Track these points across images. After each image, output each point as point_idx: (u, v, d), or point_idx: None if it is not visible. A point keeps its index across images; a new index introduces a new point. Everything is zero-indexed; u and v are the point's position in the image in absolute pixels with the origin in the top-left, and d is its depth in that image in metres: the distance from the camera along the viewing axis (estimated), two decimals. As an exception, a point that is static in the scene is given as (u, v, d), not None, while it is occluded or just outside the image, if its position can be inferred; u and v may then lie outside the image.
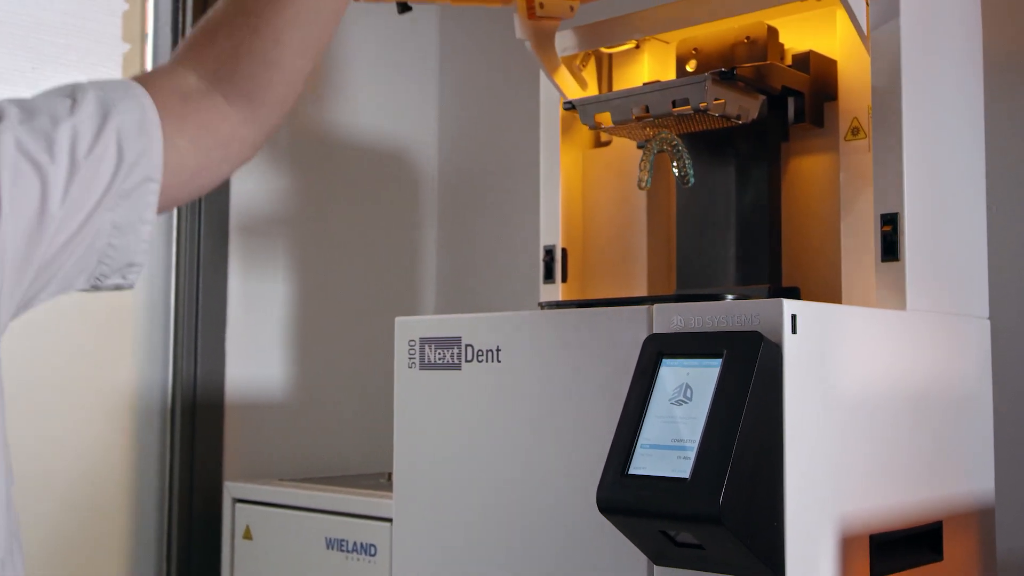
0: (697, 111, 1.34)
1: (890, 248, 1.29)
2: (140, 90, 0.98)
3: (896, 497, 1.23)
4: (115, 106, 0.97)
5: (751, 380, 1.06)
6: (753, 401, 1.06)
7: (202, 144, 1.02)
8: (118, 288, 1.03)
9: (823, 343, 1.13)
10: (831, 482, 1.14)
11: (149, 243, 0.98)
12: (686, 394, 1.10)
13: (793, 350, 1.09)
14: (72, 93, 0.96)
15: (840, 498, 1.15)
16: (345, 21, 1.76)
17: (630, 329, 1.20)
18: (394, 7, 1.51)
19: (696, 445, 1.06)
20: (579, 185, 1.69)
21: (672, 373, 1.13)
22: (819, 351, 1.12)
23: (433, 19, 2.61)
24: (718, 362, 1.09)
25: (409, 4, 1.49)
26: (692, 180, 1.43)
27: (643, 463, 1.10)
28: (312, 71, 1.08)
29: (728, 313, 1.13)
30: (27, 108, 0.94)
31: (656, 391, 1.13)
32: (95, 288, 1.01)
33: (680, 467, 1.07)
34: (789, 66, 1.46)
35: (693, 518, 1.05)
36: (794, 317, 1.09)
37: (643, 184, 1.45)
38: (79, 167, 0.94)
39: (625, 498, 1.09)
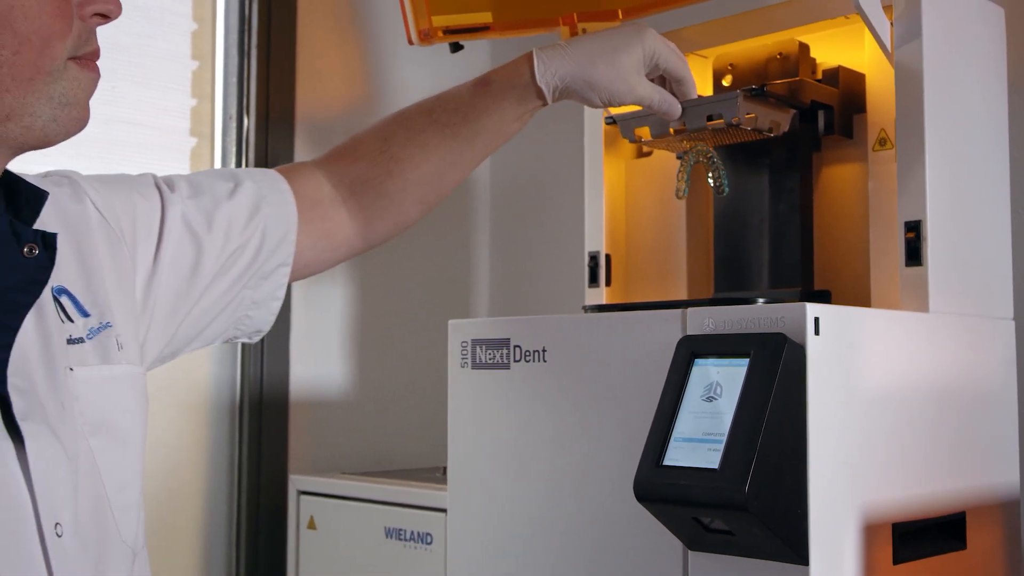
0: (730, 125, 1.41)
1: (913, 254, 1.36)
2: (287, 188, 1.15)
3: (918, 488, 1.30)
4: (265, 199, 1.13)
5: (776, 378, 1.14)
6: (777, 398, 1.13)
7: (318, 245, 1.19)
8: (243, 344, 1.22)
9: (845, 344, 1.20)
10: (853, 473, 1.21)
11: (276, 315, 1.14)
12: (716, 391, 1.18)
13: (816, 350, 1.16)
14: (234, 179, 1.12)
15: (862, 488, 1.22)
16: (402, 49, 1.84)
17: (665, 331, 1.28)
18: (447, 44, 1.62)
19: (725, 438, 1.14)
20: (622, 194, 1.77)
21: (703, 372, 1.21)
22: (841, 351, 1.20)
23: (484, 43, 2.67)
24: (746, 362, 1.16)
25: (460, 44, 1.59)
26: (727, 190, 1.51)
27: (676, 455, 1.18)
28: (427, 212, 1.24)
29: (756, 316, 1.20)
30: (195, 185, 1.11)
31: (688, 388, 1.20)
32: (224, 342, 1.19)
33: (710, 458, 1.14)
34: (819, 80, 1.53)
35: (722, 505, 1.12)
36: (817, 320, 1.17)
37: (680, 194, 1.52)
38: (230, 244, 1.11)
39: (660, 487, 1.17)
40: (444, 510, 1.62)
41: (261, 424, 2.28)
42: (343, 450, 2.40)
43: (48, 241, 0.92)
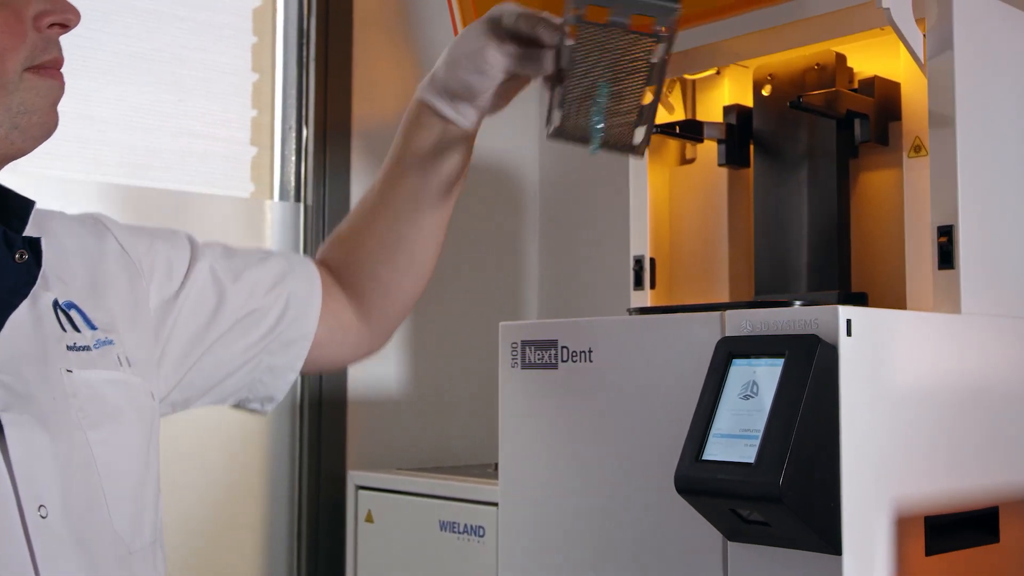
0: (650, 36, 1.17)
1: (946, 257, 1.41)
2: (315, 269, 1.22)
3: (951, 483, 1.34)
4: (293, 271, 1.21)
5: (809, 378, 1.18)
6: (811, 396, 1.18)
7: (329, 323, 1.24)
8: (253, 412, 1.28)
9: (876, 344, 1.25)
10: (885, 468, 1.25)
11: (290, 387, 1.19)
12: (752, 390, 1.24)
13: (848, 351, 1.21)
14: (266, 252, 1.21)
15: (894, 482, 1.26)
16: None
17: (705, 332, 1.33)
18: None
19: (760, 434, 1.18)
20: (666, 199, 1.82)
21: (741, 371, 1.26)
22: (873, 351, 1.25)
23: None
24: (781, 362, 1.21)
25: None
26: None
27: (715, 450, 1.23)
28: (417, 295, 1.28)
29: (791, 318, 1.25)
30: (229, 251, 1.20)
31: (727, 387, 1.25)
32: (236, 407, 1.24)
33: (747, 453, 1.19)
34: (855, 90, 1.57)
35: (757, 497, 1.17)
36: (849, 322, 1.22)
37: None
38: (252, 302, 1.18)
39: (699, 480, 1.22)
40: (495, 504, 1.65)
41: (321, 423, 2.33)
42: (399, 447, 2.44)
43: (35, 246, 1.00)
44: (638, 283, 1.77)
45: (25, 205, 1.04)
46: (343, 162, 2.39)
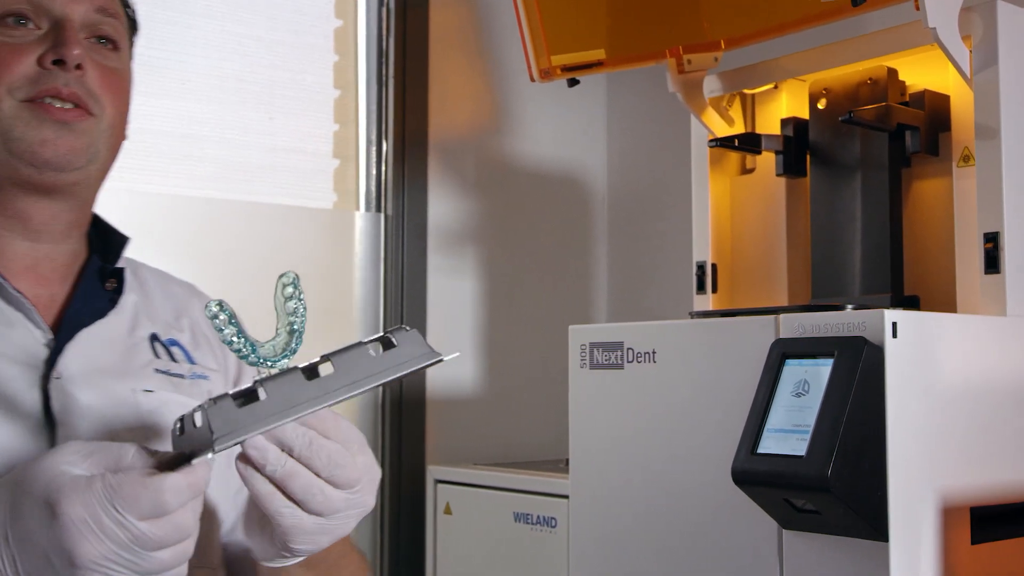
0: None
1: (992, 262, 1.48)
2: None
3: (996, 477, 1.41)
4: None
5: (856, 377, 1.27)
6: (858, 394, 1.27)
7: None
8: None
9: (922, 345, 1.33)
10: (931, 461, 1.33)
11: None
12: (804, 388, 1.32)
13: (894, 352, 1.29)
14: None
15: (940, 475, 1.33)
16: (525, 79, 1.93)
17: (761, 334, 1.41)
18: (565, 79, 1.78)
19: (811, 429, 1.27)
20: (727, 207, 1.89)
21: (793, 371, 1.34)
22: (918, 352, 1.32)
23: (599, 75, 2.71)
24: (830, 362, 1.29)
25: (577, 79, 1.76)
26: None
27: (769, 443, 1.31)
28: None
29: (840, 321, 1.34)
30: None
31: (780, 385, 1.33)
32: None
33: (798, 446, 1.28)
34: (906, 103, 1.64)
35: (807, 487, 1.26)
36: (894, 324, 1.30)
37: None
38: None
39: (754, 472, 1.31)
40: (566, 496, 1.71)
41: (401, 421, 2.40)
42: (475, 443, 2.50)
43: (120, 275, 1.11)
44: (700, 287, 1.85)
45: (121, 241, 1.15)
46: (421, 173, 2.48)
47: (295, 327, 0.86)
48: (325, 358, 0.84)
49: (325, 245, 2.39)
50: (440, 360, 0.87)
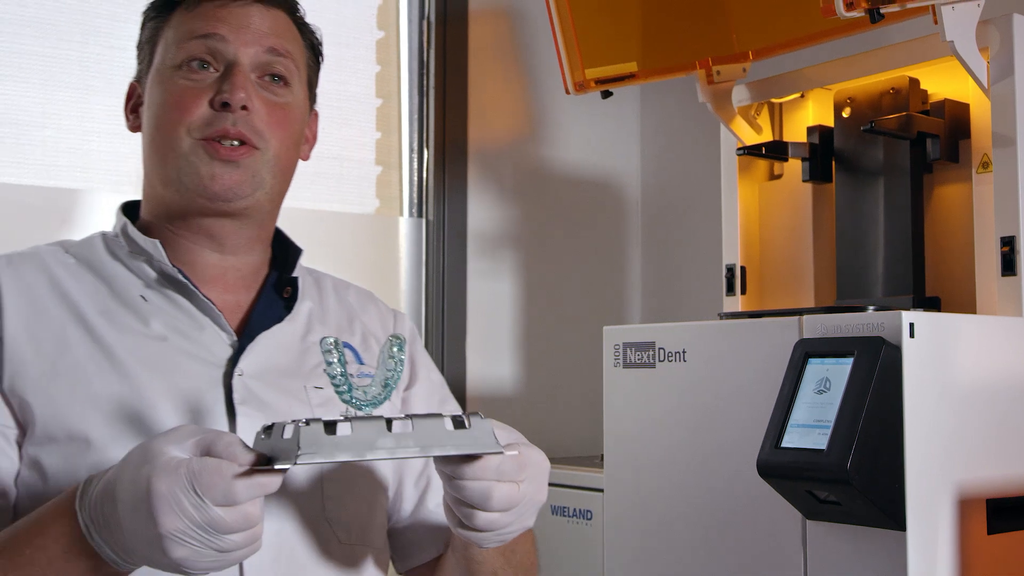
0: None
1: (1008, 265, 1.54)
2: None
3: (1012, 470, 1.47)
4: None
5: (875, 375, 1.33)
6: (876, 391, 1.33)
7: None
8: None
9: (938, 345, 1.39)
10: (948, 455, 1.39)
11: None
12: (825, 385, 1.39)
13: (911, 351, 1.35)
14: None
15: (957, 468, 1.39)
16: (560, 90, 2.01)
17: (785, 335, 1.48)
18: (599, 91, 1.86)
19: (832, 424, 1.34)
20: (756, 212, 1.96)
21: (815, 369, 1.41)
22: (934, 351, 1.38)
23: (631, 87, 2.76)
24: (850, 361, 1.36)
25: (610, 91, 1.84)
26: None
27: (792, 438, 1.38)
28: None
29: (860, 322, 1.40)
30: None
31: (803, 383, 1.40)
32: None
33: (820, 441, 1.34)
34: (927, 112, 1.71)
35: (828, 479, 1.33)
36: (912, 325, 1.36)
37: None
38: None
39: (777, 464, 1.38)
40: (601, 490, 1.77)
41: None
42: None
43: (295, 284, 1.22)
44: (730, 289, 1.92)
45: (296, 253, 1.26)
46: (460, 179, 2.56)
47: (389, 382, 0.96)
48: (408, 417, 0.94)
49: (369, 249, 2.48)
50: (500, 452, 0.96)
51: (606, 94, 1.88)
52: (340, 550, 1.14)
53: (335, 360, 0.93)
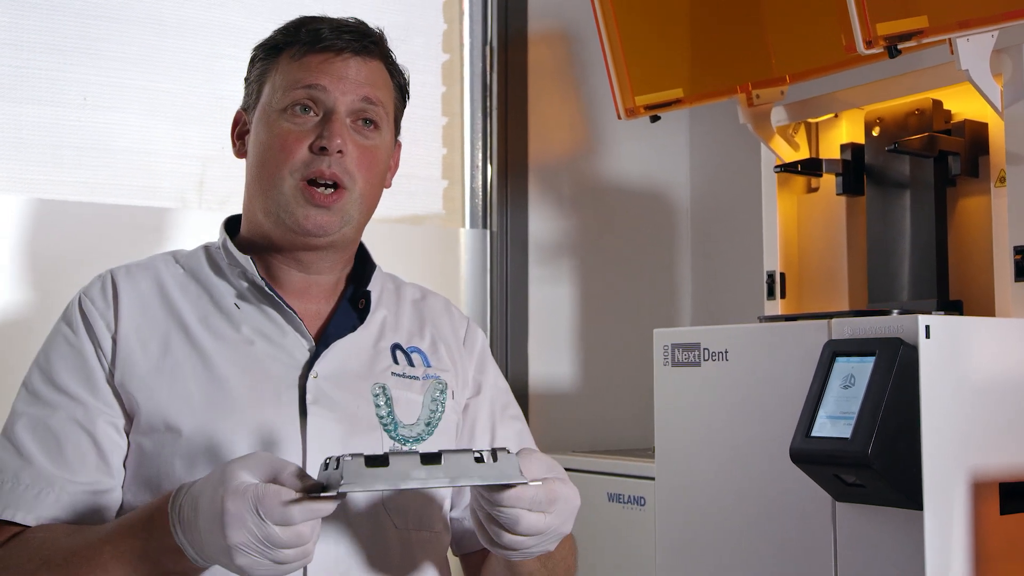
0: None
1: (1021, 271, 1.68)
2: None
3: (1022, 457, 1.61)
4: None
5: (893, 372, 1.48)
6: (895, 386, 1.48)
7: None
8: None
9: (952, 345, 1.52)
10: (962, 443, 1.52)
11: None
12: (851, 381, 1.53)
13: (927, 350, 1.49)
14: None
15: (970, 454, 1.53)
16: (612, 110, 2.11)
17: (816, 336, 1.62)
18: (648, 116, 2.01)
19: (856, 415, 1.48)
20: (794, 222, 2.11)
21: (842, 367, 1.55)
22: (949, 350, 1.52)
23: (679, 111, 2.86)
24: (872, 359, 1.51)
25: (659, 115, 1.99)
26: None
27: (821, 428, 1.52)
28: None
29: (882, 324, 1.55)
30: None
31: (831, 379, 1.55)
32: None
33: (845, 430, 1.49)
34: (948, 131, 1.85)
35: (852, 464, 1.47)
36: (928, 327, 1.50)
37: None
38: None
39: (808, 451, 1.53)
40: (653, 478, 1.89)
41: None
42: (572, 432, 2.68)
43: (368, 296, 1.35)
44: (770, 294, 2.08)
45: (371, 268, 1.37)
46: (521, 193, 2.71)
47: (430, 423, 1.07)
48: (442, 451, 1.04)
49: (436, 258, 2.63)
50: (524, 483, 1.05)
51: (655, 119, 2.02)
52: (396, 535, 1.24)
53: (382, 403, 1.05)
